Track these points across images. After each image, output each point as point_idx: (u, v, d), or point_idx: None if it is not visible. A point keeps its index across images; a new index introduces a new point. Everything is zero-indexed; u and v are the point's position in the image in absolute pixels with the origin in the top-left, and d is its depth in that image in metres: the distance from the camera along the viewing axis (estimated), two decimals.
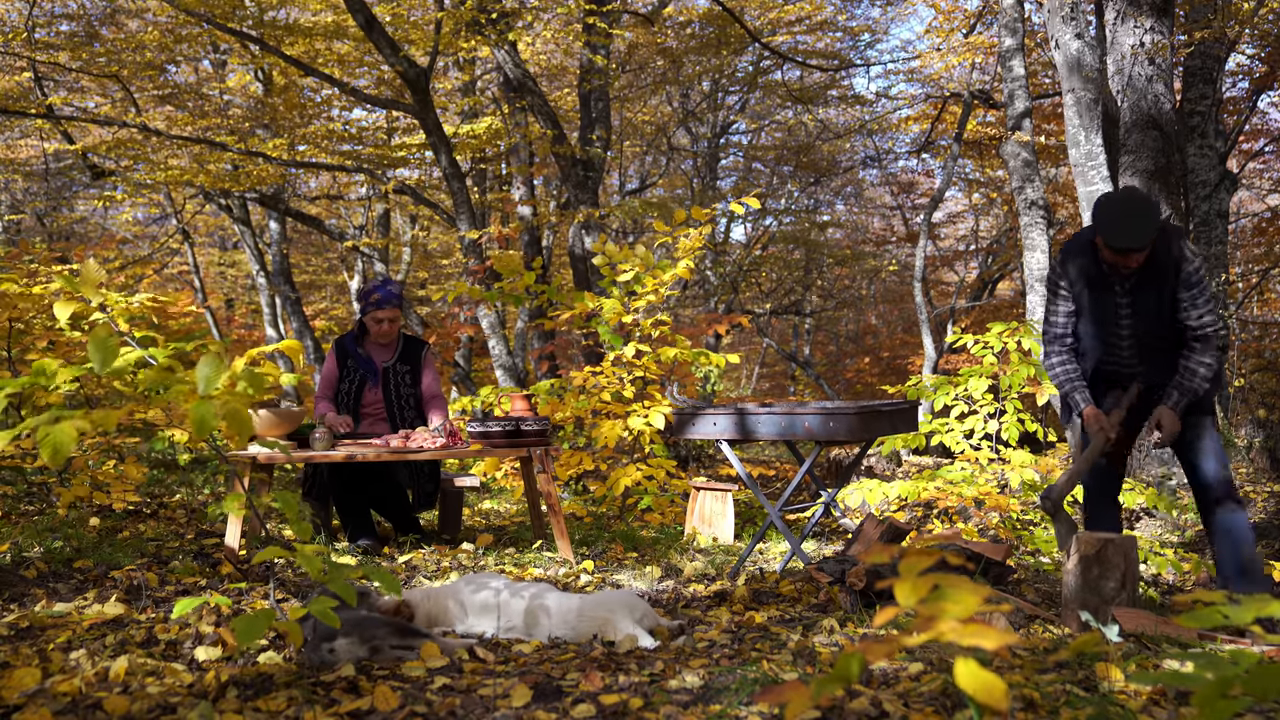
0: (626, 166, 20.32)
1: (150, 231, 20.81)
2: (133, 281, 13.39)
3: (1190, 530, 6.02)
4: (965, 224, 20.48)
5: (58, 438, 2.22)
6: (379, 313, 5.06)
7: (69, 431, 2.23)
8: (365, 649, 2.71)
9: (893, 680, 2.46)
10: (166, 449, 7.94)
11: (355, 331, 5.19)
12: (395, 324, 5.12)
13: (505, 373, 10.28)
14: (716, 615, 3.37)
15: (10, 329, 6.22)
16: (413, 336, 5.27)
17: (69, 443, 2.22)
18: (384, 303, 5.06)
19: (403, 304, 5.17)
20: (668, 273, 6.36)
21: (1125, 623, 2.82)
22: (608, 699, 2.36)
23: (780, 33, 15.24)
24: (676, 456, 9.05)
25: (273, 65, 13.15)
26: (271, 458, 4.31)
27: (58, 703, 2.31)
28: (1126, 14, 7.95)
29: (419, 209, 16.65)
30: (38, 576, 3.84)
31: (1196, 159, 9.64)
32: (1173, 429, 3.48)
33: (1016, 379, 6.15)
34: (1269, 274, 15.51)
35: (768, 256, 20.10)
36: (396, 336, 5.19)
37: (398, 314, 5.12)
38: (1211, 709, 1.30)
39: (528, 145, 12.15)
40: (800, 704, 1.23)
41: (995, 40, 11.33)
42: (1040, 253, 8.73)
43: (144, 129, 11.22)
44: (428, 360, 5.23)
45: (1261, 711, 2.13)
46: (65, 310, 2.83)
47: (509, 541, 5.10)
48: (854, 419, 3.95)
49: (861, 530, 4.15)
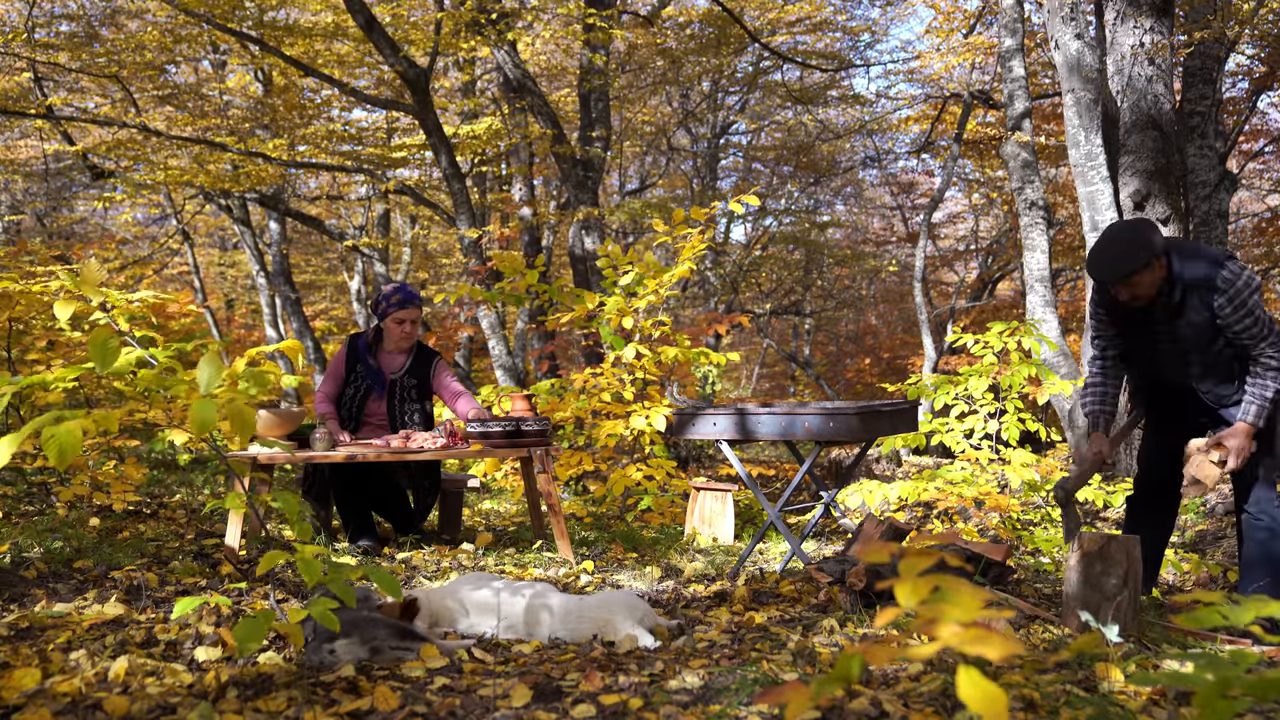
0: (626, 166, 20.32)
1: (150, 232, 20.81)
2: (133, 282, 13.39)
3: (1190, 530, 6.02)
4: (965, 224, 20.48)
5: (63, 439, 2.21)
6: (401, 313, 4.94)
7: (74, 432, 2.23)
8: (365, 650, 2.71)
9: (893, 680, 2.46)
10: (166, 449, 7.94)
11: (370, 337, 5.09)
12: (416, 325, 5.01)
13: (505, 373, 10.29)
14: (716, 615, 3.37)
15: (10, 329, 6.21)
16: (426, 347, 5.16)
17: (75, 444, 2.22)
18: (406, 302, 4.95)
19: (422, 305, 5.09)
20: (668, 273, 6.36)
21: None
22: (608, 699, 2.36)
23: (780, 33, 15.24)
24: (676, 457, 9.06)
25: (273, 65, 13.16)
26: (272, 458, 4.31)
27: (58, 703, 2.31)
28: (1126, 14, 7.95)
29: (419, 209, 16.66)
30: (38, 576, 3.84)
31: (1196, 159, 9.64)
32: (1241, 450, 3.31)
33: (1016, 379, 6.15)
34: (1269, 274, 15.51)
35: (768, 256, 20.10)
36: (413, 343, 5.10)
37: (419, 314, 5.01)
38: (1211, 709, 1.30)
39: (528, 145, 12.15)
40: (800, 704, 1.23)
41: (995, 40, 11.34)
42: (1040, 253, 8.73)
43: (144, 129, 11.22)
44: (440, 369, 5.12)
45: (1261, 711, 2.13)
46: (66, 310, 2.83)
47: (509, 541, 5.10)
48: (854, 419, 3.95)
49: (861, 530, 4.15)
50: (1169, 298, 3.35)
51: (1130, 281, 3.30)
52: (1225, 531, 5.86)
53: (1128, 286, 3.33)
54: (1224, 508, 6.25)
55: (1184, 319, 3.36)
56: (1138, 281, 3.30)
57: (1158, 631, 2.96)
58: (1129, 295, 3.36)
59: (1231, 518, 6.12)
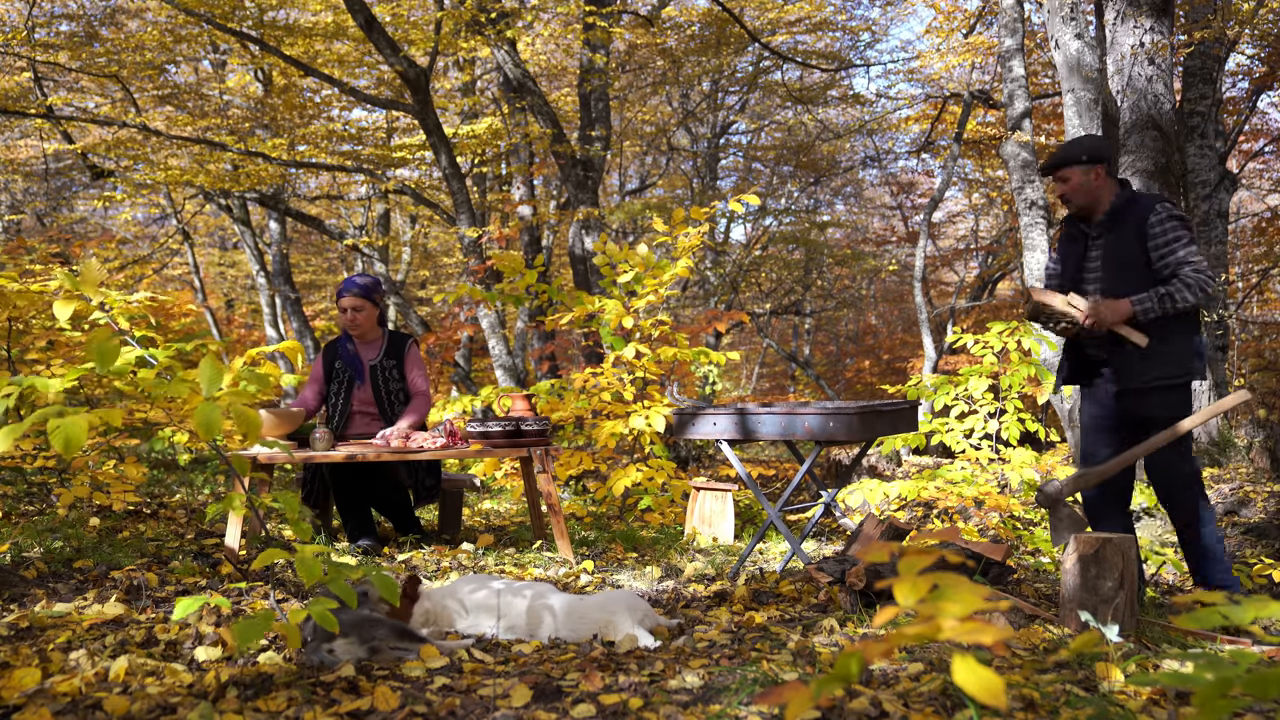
0: (626, 166, 20.32)
1: (150, 231, 20.81)
2: (133, 281, 13.40)
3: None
4: (965, 224, 20.49)
5: (69, 430, 2.22)
6: (340, 301, 5.05)
7: (80, 424, 2.24)
8: (364, 649, 2.71)
9: (893, 680, 2.46)
10: (166, 449, 7.94)
11: (346, 331, 5.18)
12: (360, 314, 5.03)
13: (505, 373, 10.29)
14: (716, 615, 3.37)
15: (10, 329, 6.21)
16: (397, 332, 5.22)
17: (81, 435, 2.23)
18: (343, 292, 5.04)
19: (370, 294, 5.06)
20: (667, 272, 6.36)
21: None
22: (608, 699, 2.36)
23: (780, 33, 15.24)
24: (676, 456, 9.06)
25: (273, 65, 13.16)
26: (272, 458, 4.31)
27: (58, 703, 2.31)
28: (1126, 14, 7.95)
29: (419, 209, 16.66)
30: (38, 576, 3.84)
31: (1196, 159, 9.64)
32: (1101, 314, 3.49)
33: (1016, 379, 6.15)
34: (1269, 274, 15.51)
35: (767, 256, 20.09)
36: (379, 333, 5.14)
37: (361, 303, 5.02)
38: (1211, 709, 1.30)
39: (528, 145, 12.15)
40: (800, 704, 1.23)
41: (995, 40, 11.34)
42: (1040, 253, 8.72)
43: (144, 129, 11.23)
44: (411, 354, 5.16)
45: (1261, 711, 2.13)
46: (65, 309, 2.83)
47: (509, 541, 5.10)
48: (854, 419, 3.95)
49: (861, 530, 4.15)
50: (1108, 217, 3.61)
51: (1063, 175, 3.61)
52: (1225, 531, 5.86)
53: (1061, 180, 3.63)
54: (1224, 508, 6.26)
55: (1115, 235, 3.60)
56: (1069, 176, 3.61)
57: (1157, 631, 2.96)
58: (1061, 191, 3.65)
59: (1231, 518, 6.12)
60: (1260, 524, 5.86)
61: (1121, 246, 3.59)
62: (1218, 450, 7.64)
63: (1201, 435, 7.61)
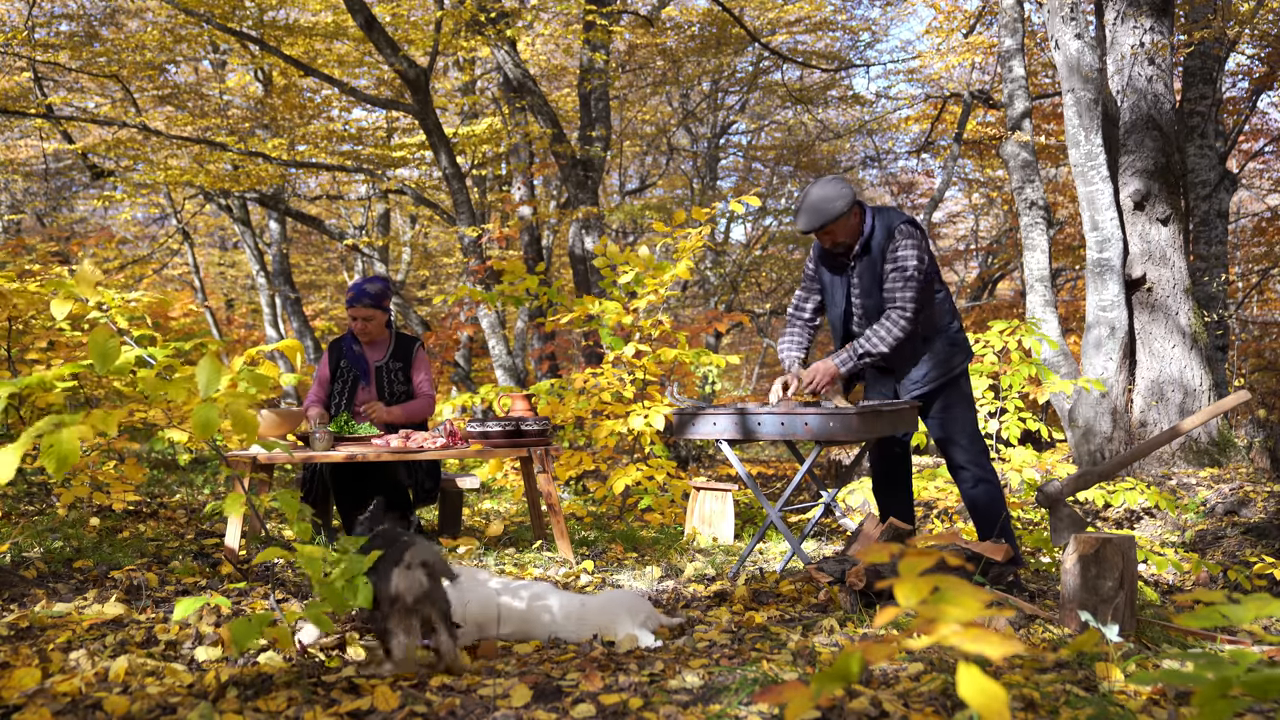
0: (626, 166, 20.32)
1: (150, 231, 20.81)
2: (133, 281, 13.40)
3: (1190, 530, 6.02)
4: (965, 224, 20.49)
5: (62, 449, 2.21)
6: (350, 311, 5.06)
7: (73, 442, 2.22)
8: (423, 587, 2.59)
9: (893, 680, 2.46)
10: (166, 449, 7.94)
11: (352, 331, 5.18)
12: (371, 323, 5.04)
13: (505, 373, 10.29)
14: (716, 615, 3.37)
15: (10, 329, 6.21)
16: (405, 334, 5.22)
17: (74, 453, 2.22)
18: (354, 302, 5.04)
19: (381, 301, 5.07)
20: (667, 273, 6.36)
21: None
22: (608, 699, 2.36)
23: (780, 33, 15.24)
24: (676, 456, 9.05)
25: (273, 65, 13.16)
26: (272, 458, 4.31)
27: (58, 703, 2.31)
28: (1126, 14, 7.95)
29: (419, 209, 16.66)
30: (38, 576, 3.84)
31: (1196, 159, 9.64)
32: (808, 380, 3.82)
33: (1017, 378, 6.15)
34: (1269, 274, 15.51)
35: (767, 256, 20.09)
36: (387, 335, 5.16)
37: (372, 313, 5.03)
38: (1211, 709, 1.30)
39: (528, 145, 12.15)
40: (800, 704, 1.23)
41: (995, 40, 11.34)
42: (1040, 253, 8.72)
43: (144, 129, 11.23)
44: (419, 358, 5.16)
45: (1261, 711, 2.13)
46: (62, 309, 2.83)
47: (509, 541, 5.10)
48: (854, 419, 3.95)
49: (861, 530, 4.15)
50: (862, 247, 3.87)
51: (829, 230, 3.84)
52: (1225, 531, 5.86)
53: (828, 234, 3.86)
54: (1224, 508, 6.26)
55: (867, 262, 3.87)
56: (834, 230, 3.84)
57: (1157, 631, 2.96)
58: (830, 242, 3.89)
59: (1230, 517, 6.12)
60: (1260, 524, 5.86)
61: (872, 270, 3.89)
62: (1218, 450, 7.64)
63: (1201, 435, 7.60)
